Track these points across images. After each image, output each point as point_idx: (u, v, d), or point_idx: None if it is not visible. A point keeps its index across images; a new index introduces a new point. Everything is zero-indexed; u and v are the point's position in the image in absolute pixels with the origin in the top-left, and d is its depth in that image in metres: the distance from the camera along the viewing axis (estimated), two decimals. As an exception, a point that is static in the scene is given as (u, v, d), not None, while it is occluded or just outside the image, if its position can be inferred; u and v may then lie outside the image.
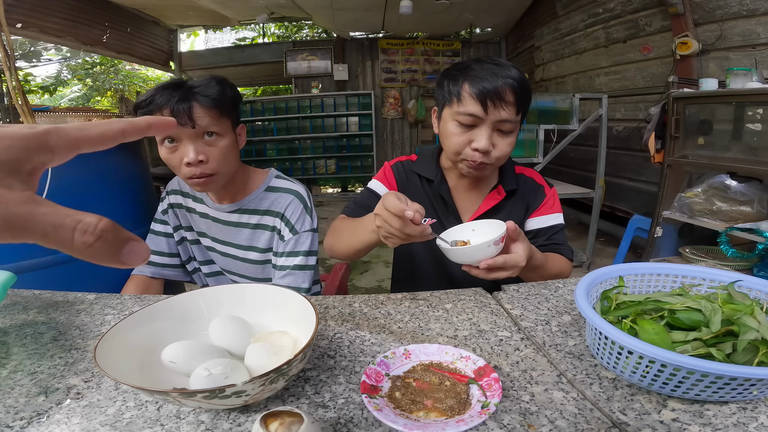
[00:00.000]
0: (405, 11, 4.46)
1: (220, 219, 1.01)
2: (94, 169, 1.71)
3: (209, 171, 0.88)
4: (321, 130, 6.26)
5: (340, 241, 0.91)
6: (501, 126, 0.85)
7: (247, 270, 1.04)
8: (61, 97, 8.65)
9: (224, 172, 0.92)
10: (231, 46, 6.92)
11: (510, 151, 0.89)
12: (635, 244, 2.94)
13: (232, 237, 1.02)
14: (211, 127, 0.87)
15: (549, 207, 0.99)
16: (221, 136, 0.89)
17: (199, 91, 0.85)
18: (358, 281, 3.10)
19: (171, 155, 0.87)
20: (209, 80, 0.88)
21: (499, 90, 0.81)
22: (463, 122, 0.85)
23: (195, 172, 0.86)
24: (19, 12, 3.73)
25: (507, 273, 0.72)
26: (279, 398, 0.48)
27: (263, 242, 1.01)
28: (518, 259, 0.72)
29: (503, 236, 0.70)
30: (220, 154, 0.88)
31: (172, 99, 0.82)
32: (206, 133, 0.87)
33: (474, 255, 0.70)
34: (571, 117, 2.94)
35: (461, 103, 0.85)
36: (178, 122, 0.81)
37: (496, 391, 0.45)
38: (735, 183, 1.99)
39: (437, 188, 0.99)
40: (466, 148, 0.86)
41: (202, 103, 0.85)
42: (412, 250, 1.03)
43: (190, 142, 0.85)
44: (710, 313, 0.48)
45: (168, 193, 1.07)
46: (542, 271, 0.86)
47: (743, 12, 2.46)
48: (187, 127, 0.83)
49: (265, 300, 0.58)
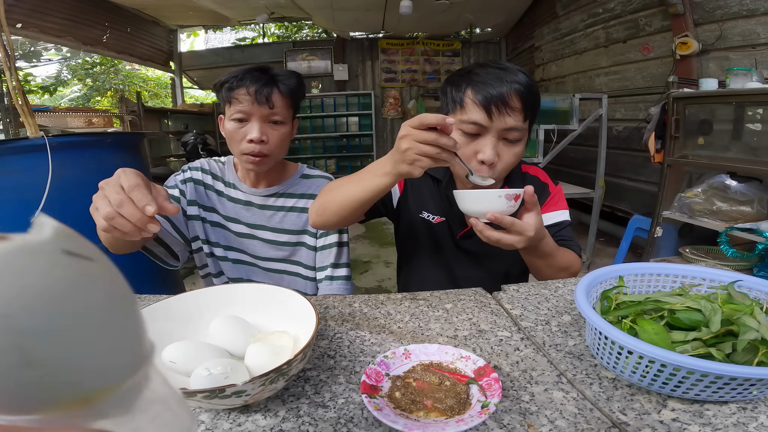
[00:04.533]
0: (405, 11, 4.46)
1: (254, 203, 1.06)
2: (94, 169, 1.71)
3: (266, 151, 0.95)
4: (321, 130, 6.26)
5: (336, 197, 0.81)
6: (507, 135, 0.80)
7: (276, 253, 1.08)
8: (61, 97, 8.64)
9: (276, 156, 0.99)
10: (231, 46, 6.91)
11: (515, 162, 0.84)
12: (635, 244, 2.94)
13: (265, 221, 1.06)
14: (280, 113, 0.96)
15: (554, 204, 0.97)
16: (284, 124, 0.98)
17: (281, 79, 0.95)
18: (358, 281, 3.10)
19: (237, 130, 0.95)
20: (291, 73, 1.00)
21: (504, 95, 0.77)
22: (467, 131, 0.80)
23: (255, 149, 0.94)
24: (19, 12, 3.72)
25: (511, 239, 0.69)
26: (279, 398, 0.48)
27: (295, 224, 1.07)
28: (526, 228, 0.69)
29: (517, 195, 0.68)
30: (279, 139, 0.97)
31: (259, 80, 0.92)
32: (274, 118, 0.95)
33: (482, 203, 0.68)
34: (571, 117, 2.94)
35: (464, 110, 0.80)
36: (257, 101, 0.92)
37: (496, 391, 0.45)
38: (735, 183, 1.99)
39: (445, 188, 0.99)
40: (473, 160, 0.81)
41: (282, 90, 0.95)
42: (420, 250, 1.03)
43: (258, 122, 0.94)
44: (710, 313, 0.48)
45: (190, 168, 1.07)
46: (552, 260, 0.83)
47: (743, 12, 2.46)
48: (263, 107, 0.92)
49: (265, 300, 0.58)
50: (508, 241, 0.70)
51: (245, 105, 0.92)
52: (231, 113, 0.94)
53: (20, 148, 1.48)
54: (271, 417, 0.45)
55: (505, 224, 0.68)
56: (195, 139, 3.92)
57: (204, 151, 3.87)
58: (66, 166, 1.52)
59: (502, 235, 0.70)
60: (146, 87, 9.22)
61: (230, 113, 0.94)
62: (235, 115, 0.94)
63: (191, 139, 3.93)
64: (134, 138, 2.13)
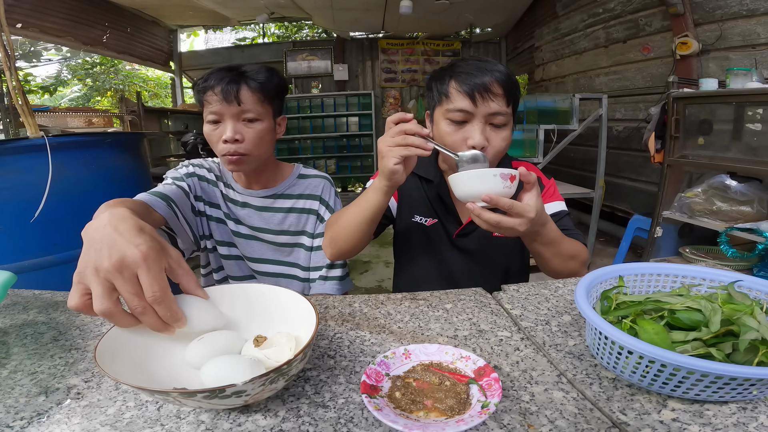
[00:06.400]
0: (405, 11, 4.46)
1: (252, 204, 1.06)
2: (94, 169, 1.71)
3: (242, 150, 0.93)
4: (321, 130, 6.26)
5: (341, 227, 0.86)
6: (493, 119, 0.84)
7: (275, 254, 1.07)
8: (61, 97, 8.64)
9: (256, 155, 0.96)
10: (231, 46, 6.92)
11: (505, 146, 0.87)
12: (635, 244, 2.94)
13: (264, 222, 1.06)
14: (252, 110, 0.93)
15: (549, 195, 0.97)
16: (260, 120, 0.95)
17: (249, 75, 0.93)
18: (358, 281, 3.10)
19: (213, 132, 0.94)
20: (261, 67, 0.96)
21: (486, 83, 0.81)
22: (454, 119, 0.84)
23: (230, 149, 0.92)
24: (19, 12, 3.72)
25: (511, 221, 0.66)
26: (279, 398, 0.48)
27: (294, 225, 1.07)
28: (526, 209, 0.65)
29: (513, 175, 0.64)
30: (255, 137, 0.94)
31: (224, 79, 0.90)
32: (246, 115, 0.93)
33: (476, 183, 0.64)
34: (571, 117, 2.94)
35: (450, 100, 0.85)
36: (225, 100, 0.90)
37: (496, 391, 0.45)
38: (735, 183, 1.99)
39: (436, 189, 0.99)
40: (462, 146, 0.84)
41: (250, 86, 0.92)
42: (415, 254, 1.03)
43: (231, 121, 0.92)
44: (710, 313, 0.48)
45: (192, 164, 1.06)
46: (558, 247, 0.80)
47: (743, 12, 2.46)
48: (232, 105, 0.90)
49: (265, 300, 0.58)
50: (509, 224, 0.66)
51: (215, 105, 0.91)
52: (205, 115, 0.94)
53: (20, 148, 1.48)
54: (271, 417, 0.45)
55: (503, 206, 0.64)
56: (195, 139, 3.92)
57: (204, 151, 3.87)
58: (66, 166, 1.53)
59: (502, 217, 0.66)
60: (146, 87, 9.22)
61: (205, 115, 0.94)
62: (209, 117, 0.93)
63: (191, 139, 3.93)
64: (134, 138, 2.13)
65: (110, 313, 0.43)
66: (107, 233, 0.46)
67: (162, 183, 1.00)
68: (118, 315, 0.44)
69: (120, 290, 0.44)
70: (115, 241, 0.45)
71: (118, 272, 0.43)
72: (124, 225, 0.47)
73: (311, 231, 1.08)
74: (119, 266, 0.44)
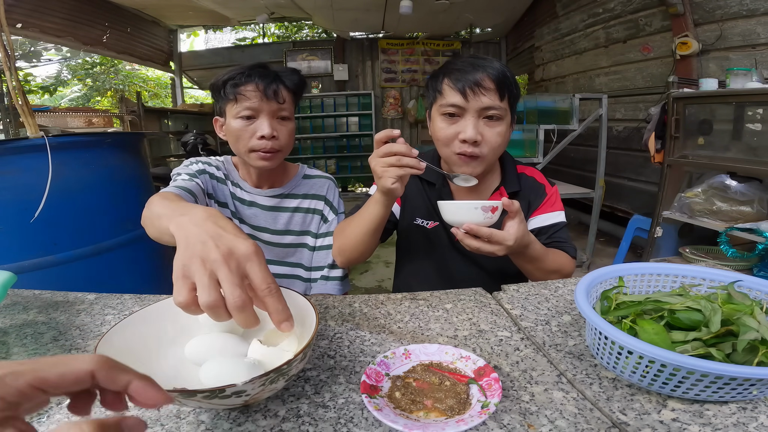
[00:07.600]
0: (405, 11, 4.46)
1: (259, 204, 1.06)
2: (94, 169, 1.71)
3: (277, 147, 0.96)
4: (321, 130, 6.26)
5: (348, 238, 0.90)
6: (486, 113, 0.85)
7: (278, 254, 1.08)
8: (61, 97, 8.64)
9: (286, 152, 1.00)
10: (231, 46, 6.92)
11: (501, 142, 0.87)
12: (635, 244, 2.94)
13: (269, 222, 1.06)
14: (288, 108, 0.97)
15: (550, 205, 0.98)
16: (290, 120, 1.00)
17: (284, 75, 0.97)
18: (358, 281, 3.10)
19: (246, 128, 0.94)
20: (291, 70, 1.00)
21: (477, 79, 0.83)
22: (447, 113, 0.87)
23: (267, 145, 0.94)
24: (19, 12, 3.72)
25: (490, 248, 0.73)
26: (279, 398, 0.48)
27: (299, 225, 1.08)
28: (505, 237, 0.72)
29: (494, 207, 0.71)
30: (288, 134, 0.99)
31: (267, 77, 0.93)
32: (282, 113, 0.96)
33: (459, 214, 0.71)
34: (571, 117, 2.94)
35: (443, 96, 0.87)
36: (266, 97, 0.92)
37: (496, 391, 0.45)
38: (735, 183, 1.99)
39: (439, 191, 0.99)
40: (455, 141, 0.86)
41: (287, 85, 0.96)
42: (415, 256, 1.03)
43: (268, 118, 0.94)
44: (710, 313, 0.48)
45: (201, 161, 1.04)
46: (540, 263, 0.85)
47: (743, 12, 2.46)
48: (272, 102, 0.93)
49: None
50: (488, 249, 0.73)
51: (254, 101, 0.91)
52: (237, 111, 0.93)
53: (20, 148, 1.48)
54: (271, 417, 0.45)
55: (483, 235, 0.71)
56: (195, 139, 3.93)
57: (204, 151, 3.88)
58: (66, 166, 1.52)
59: (482, 244, 0.73)
60: (146, 87, 9.22)
61: (236, 111, 0.93)
62: (242, 113, 0.93)
63: (191, 139, 3.94)
64: (134, 138, 2.13)
65: (217, 304, 0.41)
66: (209, 227, 0.45)
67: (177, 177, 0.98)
68: (223, 309, 0.41)
69: (223, 281, 0.41)
70: (220, 234, 0.44)
71: (225, 263, 0.42)
72: (224, 221, 0.47)
73: (315, 231, 1.09)
74: (227, 257, 0.42)
